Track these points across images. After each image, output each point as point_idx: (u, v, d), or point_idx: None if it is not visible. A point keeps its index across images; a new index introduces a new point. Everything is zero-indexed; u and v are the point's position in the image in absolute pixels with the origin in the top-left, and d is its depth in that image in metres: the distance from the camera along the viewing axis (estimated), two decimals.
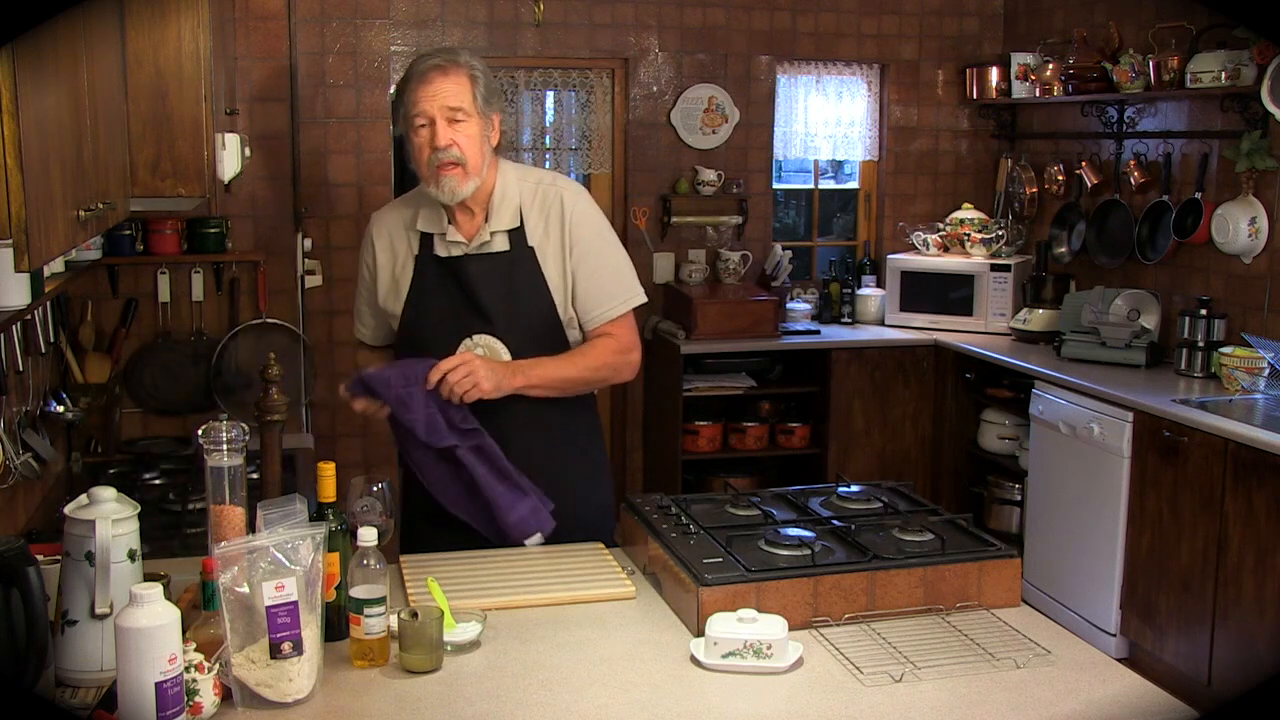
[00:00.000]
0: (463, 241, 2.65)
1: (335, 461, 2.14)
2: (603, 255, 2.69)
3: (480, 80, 2.59)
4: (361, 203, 4.92)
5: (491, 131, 2.63)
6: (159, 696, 1.68)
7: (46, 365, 3.27)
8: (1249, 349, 4.27)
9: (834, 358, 5.40)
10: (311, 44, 4.87)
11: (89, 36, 2.11)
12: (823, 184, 6.29)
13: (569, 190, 2.70)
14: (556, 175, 2.77)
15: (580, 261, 2.65)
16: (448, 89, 2.55)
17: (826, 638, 2.10)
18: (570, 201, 2.67)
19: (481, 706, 1.87)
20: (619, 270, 2.71)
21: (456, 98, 2.55)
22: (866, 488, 2.68)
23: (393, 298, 2.73)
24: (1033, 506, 4.83)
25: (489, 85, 2.61)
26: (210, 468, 2.09)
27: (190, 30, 2.60)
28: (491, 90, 2.62)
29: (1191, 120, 4.82)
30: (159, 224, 3.76)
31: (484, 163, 2.60)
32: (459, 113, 2.56)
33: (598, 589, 2.31)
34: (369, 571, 2.00)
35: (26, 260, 1.66)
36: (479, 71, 2.60)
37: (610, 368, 2.70)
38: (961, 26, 5.96)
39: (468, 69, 2.58)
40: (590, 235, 2.67)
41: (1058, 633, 2.17)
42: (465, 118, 2.56)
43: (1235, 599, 3.80)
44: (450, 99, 2.55)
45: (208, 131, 2.66)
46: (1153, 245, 4.95)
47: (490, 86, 2.62)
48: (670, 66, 5.59)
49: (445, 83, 2.56)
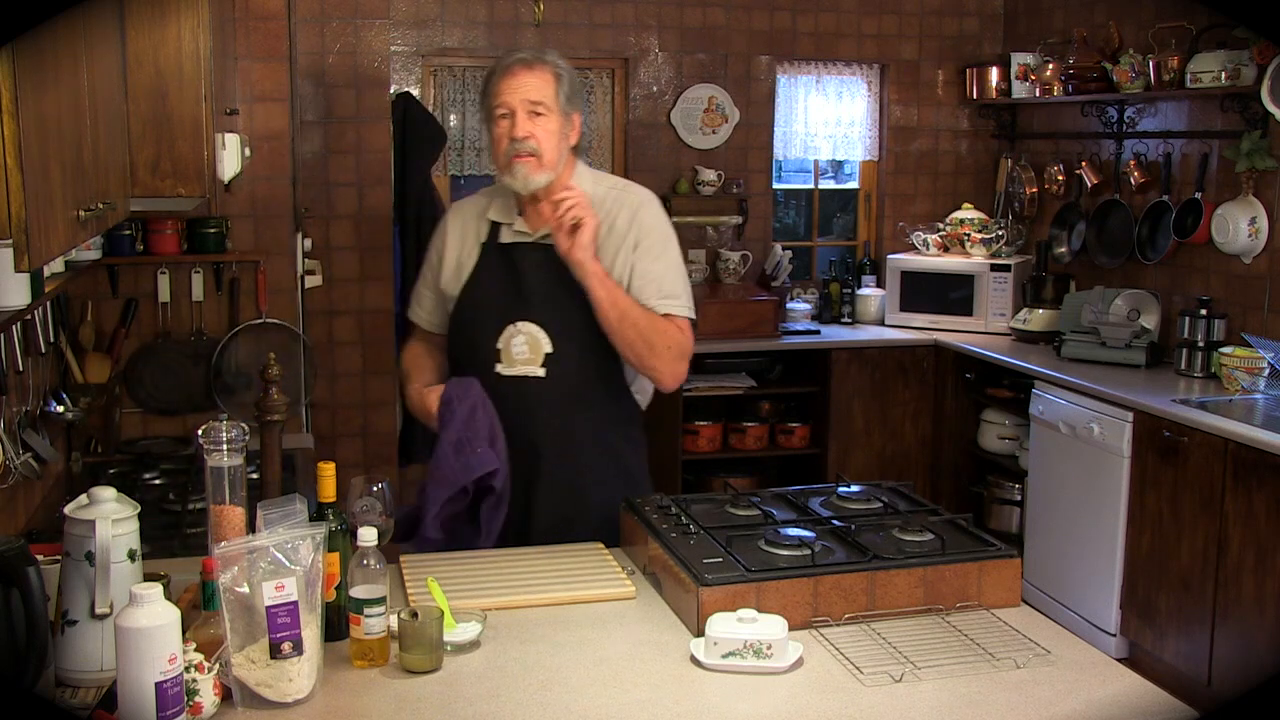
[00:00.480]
0: (527, 231, 2.71)
1: (335, 461, 2.14)
2: (667, 255, 2.70)
3: (564, 79, 2.65)
4: (361, 203, 4.92)
5: (571, 130, 2.69)
6: (159, 696, 1.68)
7: (46, 365, 3.27)
8: (1249, 349, 4.27)
9: (834, 358, 5.40)
10: (311, 44, 4.87)
11: (89, 36, 2.11)
12: (823, 184, 6.29)
13: (644, 194, 2.75)
14: (631, 183, 2.81)
15: (644, 255, 2.67)
16: (531, 83, 2.61)
17: (826, 638, 2.10)
18: (643, 202, 2.72)
19: (481, 706, 1.87)
20: (680, 276, 2.71)
21: (539, 92, 2.61)
22: (866, 488, 2.68)
23: (454, 281, 2.78)
24: (1033, 506, 4.83)
25: (572, 86, 2.68)
26: (210, 468, 2.09)
27: (190, 30, 2.60)
28: (574, 91, 2.68)
29: (1191, 120, 4.82)
30: (159, 224, 3.76)
31: (560, 159, 2.66)
32: (540, 106, 2.61)
33: (598, 589, 2.31)
34: (369, 571, 2.00)
35: (26, 260, 1.66)
36: (563, 71, 2.66)
37: (665, 347, 2.63)
38: (961, 26, 5.96)
39: (553, 67, 2.65)
40: (658, 235, 2.70)
41: (1058, 633, 2.16)
42: (545, 112, 2.61)
43: (1235, 599, 3.80)
44: (532, 93, 2.61)
45: (208, 131, 2.65)
46: (1153, 245, 4.95)
47: (574, 87, 2.68)
48: (670, 66, 5.59)
49: (529, 77, 2.62)
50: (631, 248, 2.67)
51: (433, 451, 2.58)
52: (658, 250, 2.69)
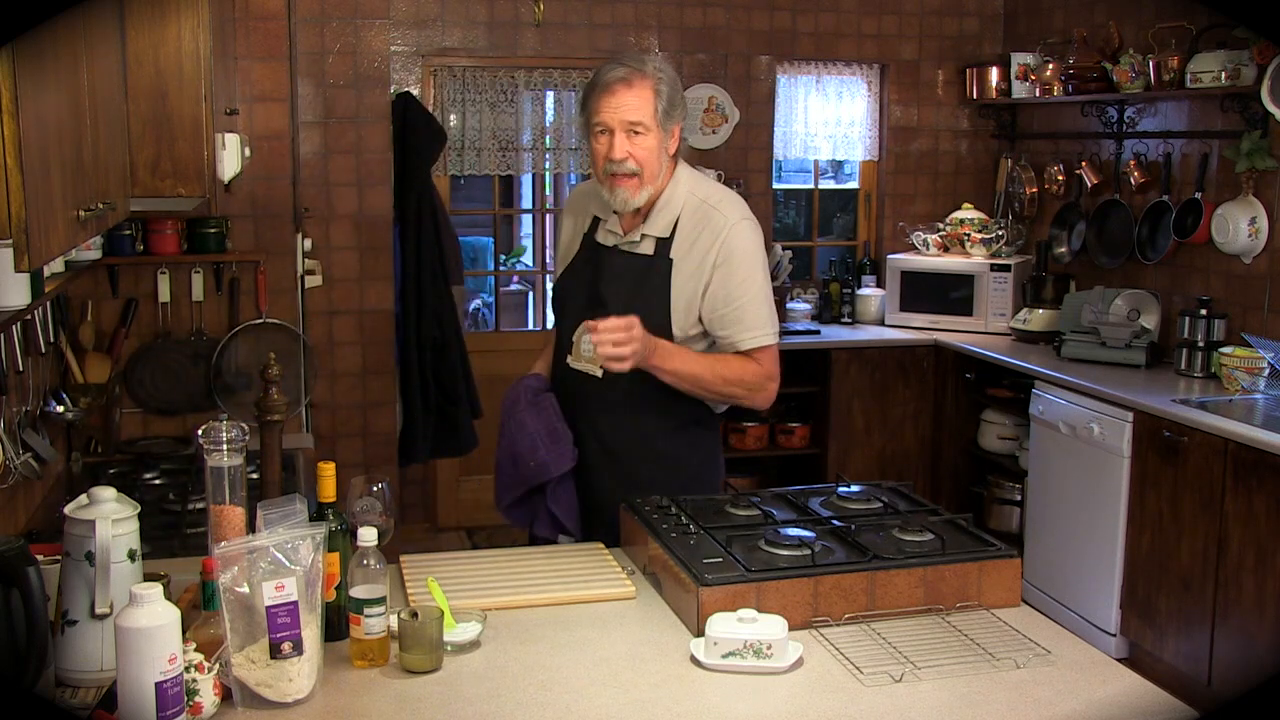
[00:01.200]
0: (617, 233, 2.73)
1: (335, 461, 2.14)
2: (751, 280, 2.65)
3: (664, 93, 2.61)
4: (361, 203, 4.92)
5: (670, 141, 2.66)
6: (159, 696, 1.68)
7: (46, 365, 3.27)
8: (1249, 349, 4.27)
9: (834, 358, 5.40)
10: (311, 44, 4.87)
11: (89, 36, 2.11)
12: (823, 184, 6.29)
13: (734, 211, 2.67)
14: (729, 195, 2.74)
15: (725, 280, 2.63)
16: (630, 103, 2.57)
17: (826, 638, 2.10)
18: (730, 220, 2.65)
19: (481, 706, 1.87)
20: (763, 302, 2.68)
21: (638, 112, 2.58)
22: (866, 488, 2.68)
23: (561, 264, 2.89)
24: (1033, 506, 4.83)
25: (672, 97, 2.63)
26: (210, 468, 2.09)
27: (190, 30, 2.60)
28: (674, 102, 2.64)
29: (1191, 120, 4.82)
30: (159, 224, 3.76)
31: (659, 171, 2.64)
32: (638, 126, 2.58)
33: (598, 589, 2.31)
34: (369, 571, 2.00)
35: (26, 260, 1.66)
36: (664, 84, 2.62)
37: (745, 386, 2.66)
38: (961, 26, 5.96)
39: (654, 80, 2.60)
40: (742, 257, 2.64)
41: (1058, 633, 2.16)
42: (644, 131, 2.59)
43: (1235, 599, 3.80)
44: (631, 113, 2.57)
45: (208, 131, 2.66)
46: (1153, 245, 4.95)
47: (673, 98, 2.63)
48: (670, 66, 5.58)
49: (628, 95, 2.58)
50: (711, 267, 2.63)
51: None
52: (742, 275, 2.63)
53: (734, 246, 2.63)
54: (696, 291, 2.64)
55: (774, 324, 2.70)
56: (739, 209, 2.69)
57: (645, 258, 2.68)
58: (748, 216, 2.69)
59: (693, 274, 2.64)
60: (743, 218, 2.68)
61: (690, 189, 2.70)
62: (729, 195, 2.75)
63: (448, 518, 5.69)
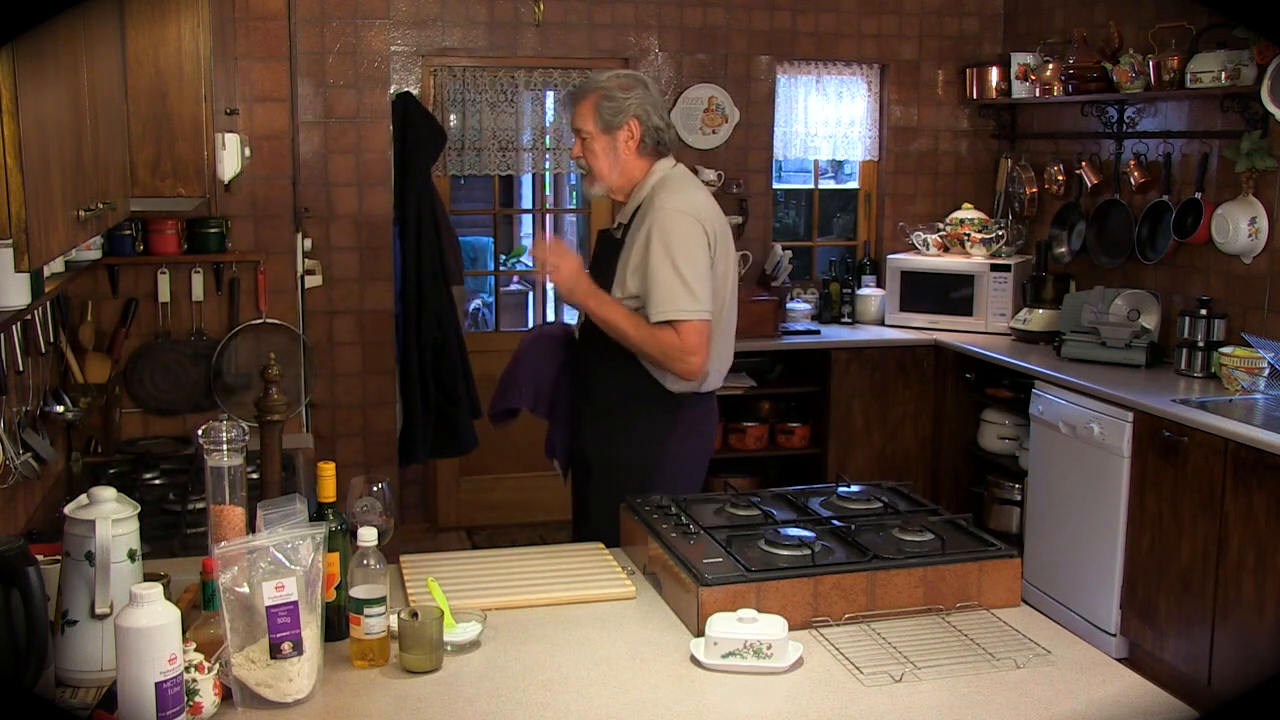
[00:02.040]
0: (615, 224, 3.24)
1: (335, 461, 2.14)
2: (663, 260, 2.98)
3: (601, 105, 3.07)
4: (361, 203, 4.92)
5: (617, 143, 3.09)
6: (159, 696, 1.68)
7: (46, 365, 3.27)
8: (1249, 349, 4.27)
9: (834, 358, 5.40)
10: (311, 44, 4.87)
11: (89, 36, 2.11)
12: (823, 184, 6.29)
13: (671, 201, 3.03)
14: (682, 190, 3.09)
15: (645, 258, 3.01)
16: (575, 114, 3.12)
17: (826, 638, 2.10)
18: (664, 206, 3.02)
19: (481, 706, 1.87)
20: (674, 282, 2.97)
21: (580, 121, 3.10)
22: (866, 488, 2.68)
23: None
24: (1033, 506, 4.83)
25: (609, 105, 3.07)
26: (210, 468, 2.09)
27: (190, 30, 2.60)
28: (615, 110, 3.07)
29: (1191, 120, 4.82)
30: (159, 224, 3.76)
31: (613, 169, 3.11)
32: (584, 133, 3.11)
33: (598, 589, 2.31)
34: (369, 571, 2.00)
35: (26, 260, 1.66)
36: (602, 96, 3.08)
37: (661, 350, 3.00)
38: (961, 26, 5.96)
39: (592, 95, 3.09)
40: (660, 239, 2.99)
41: (1058, 633, 2.17)
42: (589, 137, 3.10)
43: (1235, 599, 3.80)
44: (576, 122, 3.12)
45: (208, 131, 2.65)
46: (1153, 245, 4.95)
47: (612, 106, 3.07)
48: (670, 66, 5.59)
49: (574, 110, 3.13)
50: (643, 246, 3.01)
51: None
52: (657, 255, 2.98)
53: (657, 229, 2.99)
54: (636, 266, 3.02)
55: (693, 303, 2.97)
56: (679, 200, 3.03)
57: (617, 240, 3.14)
58: (683, 209, 3.01)
59: (633, 252, 3.04)
60: (676, 208, 3.01)
61: (660, 183, 3.09)
62: (683, 190, 3.09)
63: (448, 518, 5.69)
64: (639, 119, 3.07)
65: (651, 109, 3.09)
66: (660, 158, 3.13)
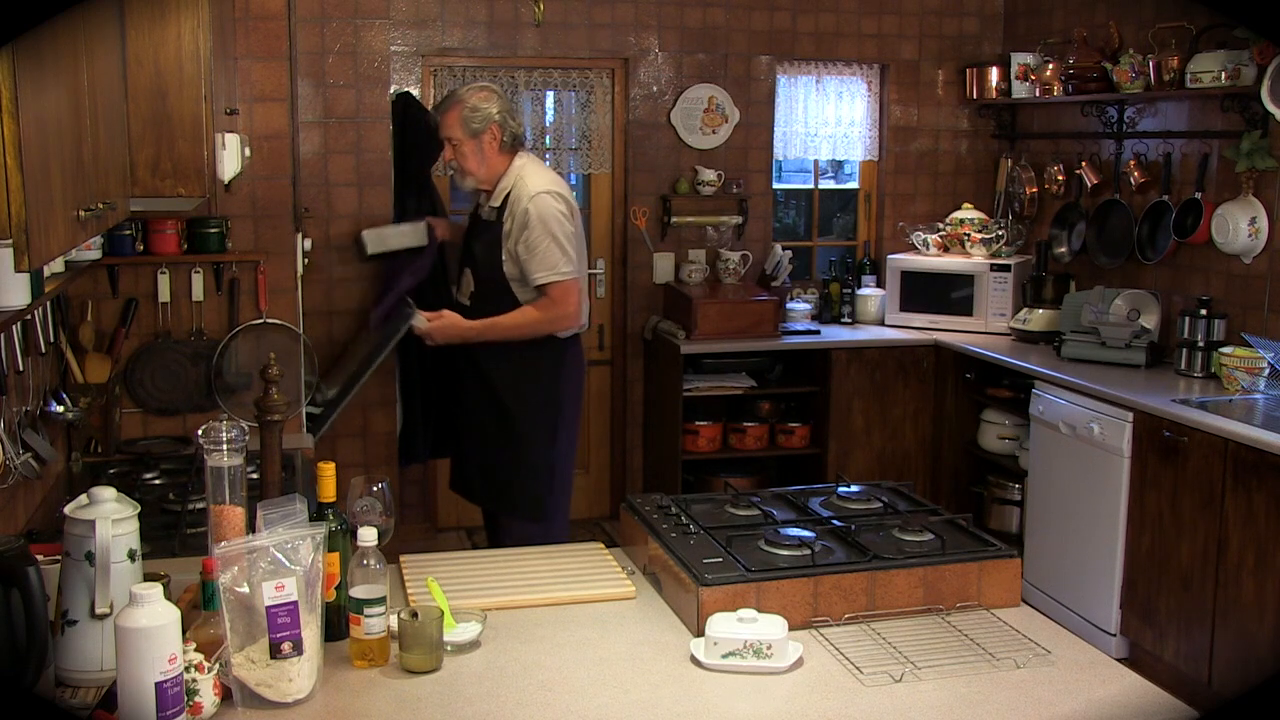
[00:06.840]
0: (485, 207, 3.92)
1: (335, 461, 2.14)
2: (540, 235, 3.70)
3: (465, 115, 3.78)
4: (361, 203, 4.92)
5: (483, 146, 3.81)
6: (159, 696, 1.68)
7: (46, 365, 3.27)
8: (1249, 349, 4.27)
9: (834, 358, 5.40)
10: (311, 44, 4.87)
11: (89, 36, 2.11)
12: (823, 184, 6.29)
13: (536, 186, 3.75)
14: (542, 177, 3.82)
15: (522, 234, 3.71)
16: (444, 122, 3.85)
17: (826, 638, 2.10)
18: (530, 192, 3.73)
19: (481, 706, 1.87)
20: (551, 250, 3.71)
21: (448, 129, 3.84)
22: (866, 488, 2.69)
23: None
24: (1033, 506, 4.83)
25: (473, 115, 3.78)
26: (210, 468, 2.09)
27: (190, 30, 2.60)
28: (478, 118, 3.79)
29: (1191, 120, 4.82)
30: (159, 224, 3.75)
31: (480, 166, 3.84)
32: (452, 139, 3.84)
33: (598, 589, 2.31)
34: (369, 571, 2.00)
35: (26, 260, 1.66)
36: (465, 106, 3.79)
37: (532, 323, 3.78)
38: (961, 26, 5.96)
39: (457, 106, 3.81)
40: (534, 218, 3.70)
41: (1058, 633, 2.17)
42: (458, 142, 3.83)
43: (1235, 599, 3.80)
44: (445, 130, 3.85)
45: (208, 131, 2.66)
46: (1153, 245, 4.95)
47: (476, 115, 3.78)
48: (670, 66, 5.59)
49: (442, 120, 3.86)
50: (520, 226, 3.71)
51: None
52: (535, 231, 3.70)
53: (535, 211, 3.70)
54: (514, 242, 3.72)
55: (568, 264, 3.72)
56: (542, 184, 3.75)
57: (491, 223, 3.83)
58: (547, 190, 3.73)
59: (510, 232, 3.74)
60: (541, 190, 3.72)
61: (520, 173, 3.79)
62: (543, 176, 3.81)
63: (448, 518, 5.69)
64: (498, 123, 3.79)
65: (508, 114, 3.81)
66: (516, 153, 3.84)
